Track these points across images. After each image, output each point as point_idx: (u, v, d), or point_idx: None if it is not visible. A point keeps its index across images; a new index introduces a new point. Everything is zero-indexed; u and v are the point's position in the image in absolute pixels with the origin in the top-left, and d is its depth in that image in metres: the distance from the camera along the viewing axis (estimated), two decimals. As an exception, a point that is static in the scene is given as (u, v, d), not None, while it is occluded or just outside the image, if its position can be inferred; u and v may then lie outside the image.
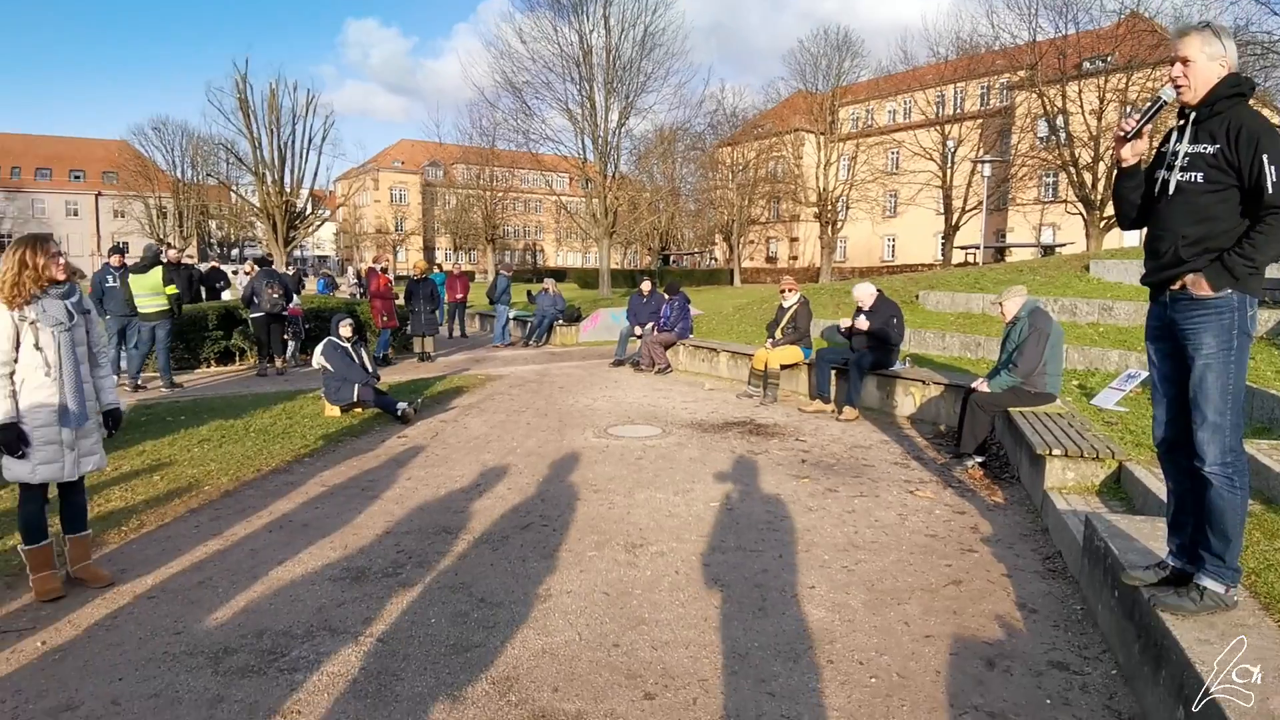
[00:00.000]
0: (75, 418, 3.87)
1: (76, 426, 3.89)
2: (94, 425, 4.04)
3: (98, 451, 4.08)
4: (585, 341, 16.24)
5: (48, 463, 3.82)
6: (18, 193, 65.04)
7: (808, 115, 49.34)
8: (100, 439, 4.12)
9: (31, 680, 3.20)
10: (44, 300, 3.79)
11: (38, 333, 3.75)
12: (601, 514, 5.23)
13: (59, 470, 3.87)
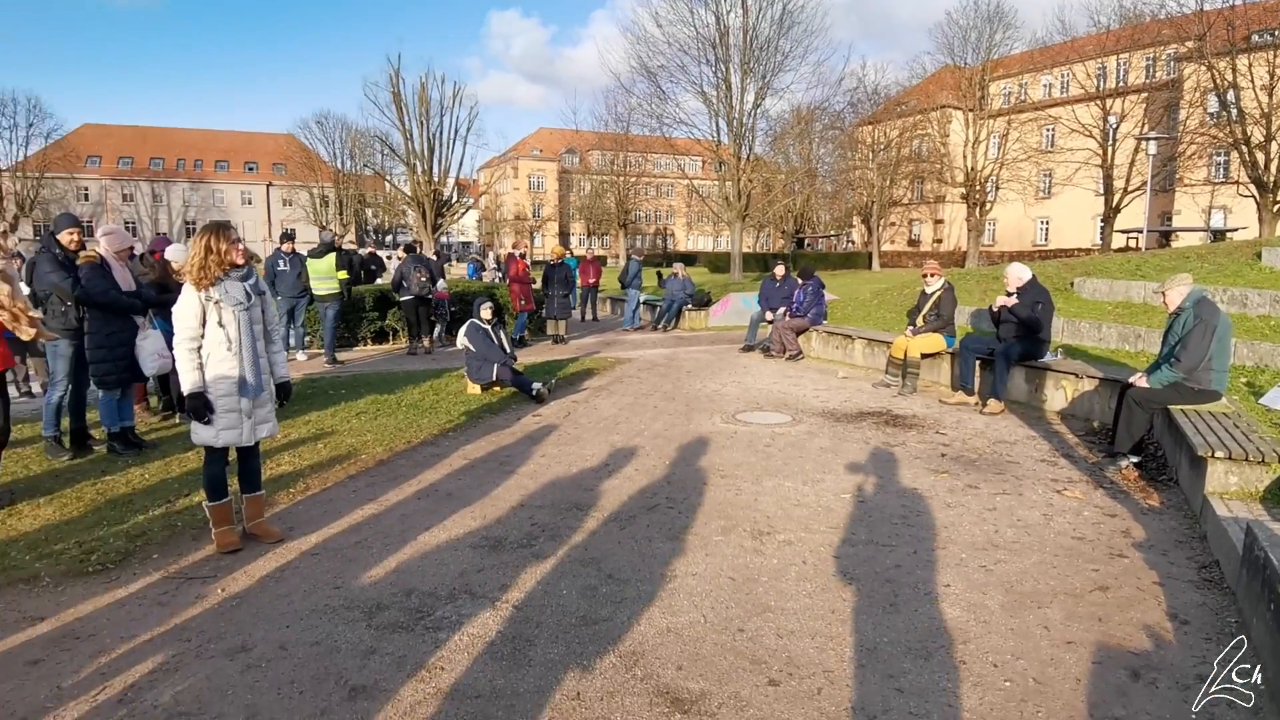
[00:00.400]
0: (252, 389, 4.29)
1: (253, 397, 4.31)
2: (268, 396, 4.46)
3: (271, 420, 4.51)
4: (715, 326, 16.23)
5: (229, 429, 4.26)
6: (201, 183, 71.92)
7: (955, 91, 46.74)
8: (273, 409, 4.54)
9: (213, 623, 3.60)
10: (226, 283, 4.21)
11: (221, 312, 4.17)
12: (728, 500, 5.25)
13: (238, 436, 4.31)
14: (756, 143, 36.29)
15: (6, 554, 4.31)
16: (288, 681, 3.08)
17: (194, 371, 4.15)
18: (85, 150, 66.69)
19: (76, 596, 3.85)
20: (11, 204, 58.54)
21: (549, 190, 78.72)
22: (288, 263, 11.12)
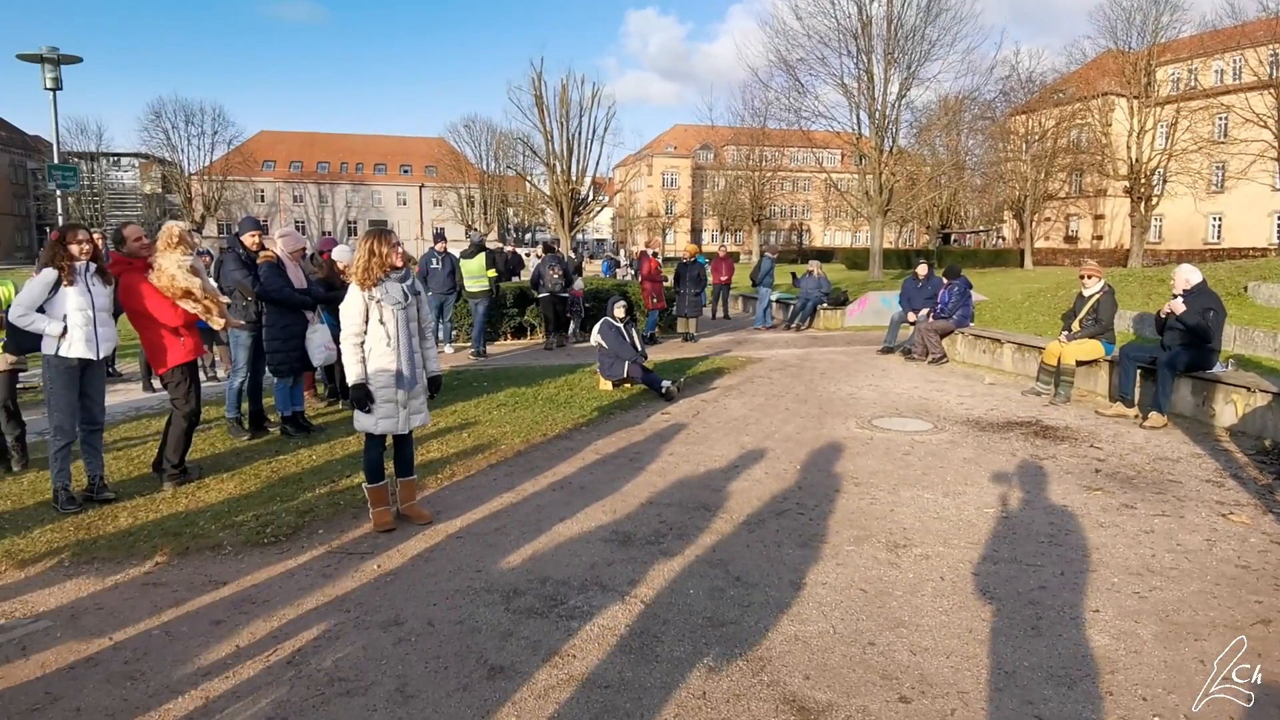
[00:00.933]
0: (408, 381, 4.60)
1: (409, 389, 4.63)
2: (421, 388, 4.77)
3: (423, 410, 4.82)
4: (851, 326, 15.81)
5: (387, 417, 4.60)
6: (361, 185, 77.20)
7: (1118, 77, 42.99)
8: (425, 400, 4.85)
9: (369, 596, 3.91)
10: (386, 283, 4.54)
11: (381, 310, 4.51)
12: (862, 509, 5.13)
13: (394, 424, 4.64)
14: (900, 135, 34.94)
15: (195, 523, 4.84)
16: (434, 656, 3.30)
17: (358, 364, 4.50)
18: (262, 155, 73.15)
19: (253, 565, 4.28)
20: (199, 204, 65.14)
21: (682, 187, 79.06)
22: (439, 261, 11.81)
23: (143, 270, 5.55)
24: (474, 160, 72.06)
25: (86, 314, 4.90)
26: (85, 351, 4.92)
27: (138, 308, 5.45)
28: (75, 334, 4.86)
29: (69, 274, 4.86)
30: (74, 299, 4.86)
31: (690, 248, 15.15)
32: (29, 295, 4.81)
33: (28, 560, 4.30)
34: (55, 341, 4.84)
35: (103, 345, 5.03)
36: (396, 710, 2.93)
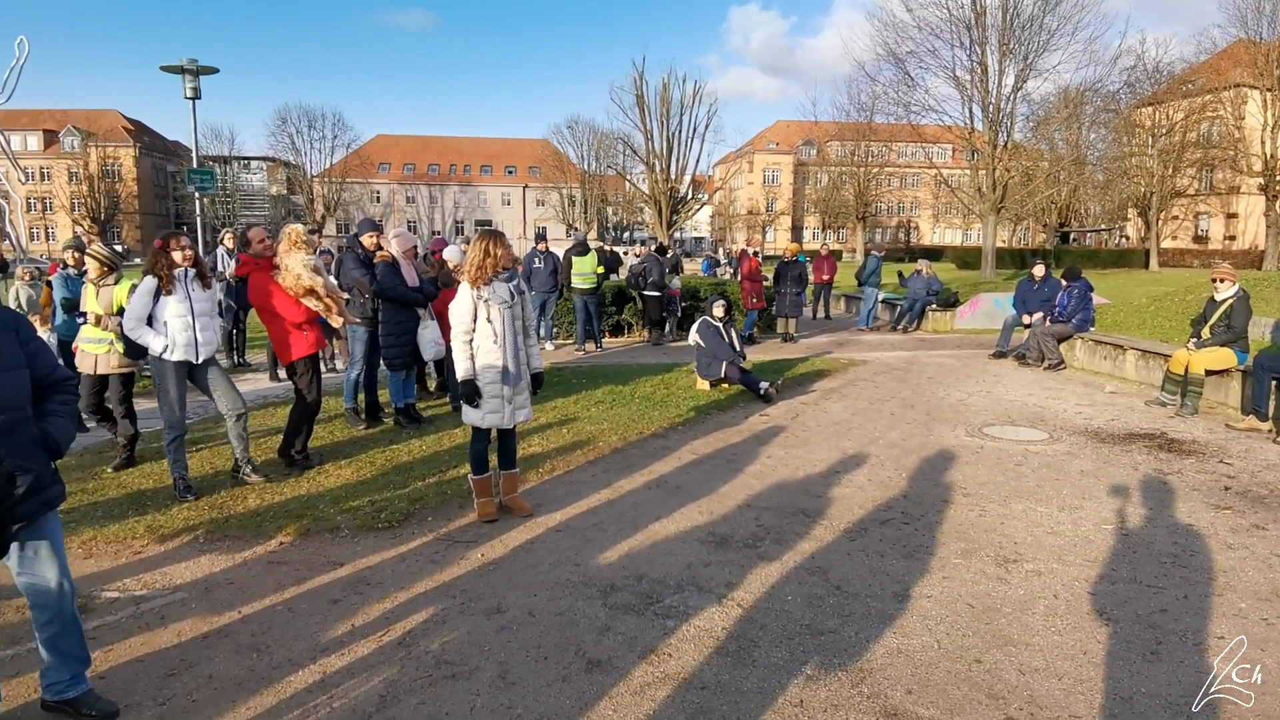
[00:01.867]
0: (513, 378, 4.73)
1: (514, 385, 4.76)
2: (525, 384, 4.90)
3: (527, 406, 4.95)
4: (962, 329, 15.20)
5: (493, 412, 4.74)
6: (468, 186, 79.81)
7: (1251, 68, 39.31)
8: (528, 396, 4.98)
9: (473, 583, 4.04)
10: (495, 283, 4.68)
11: (489, 309, 4.65)
12: (971, 520, 4.93)
13: (500, 419, 4.78)
14: (1015, 128, 33.28)
15: (316, 506, 5.13)
16: (534, 646, 3.39)
17: (467, 361, 4.66)
18: (377, 158, 76.67)
19: (368, 548, 4.50)
20: (320, 205, 68.88)
21: (783, 184, 77.94)
22: (542, 260, 12.07)
23: (268, 269, 5.93)
24: (575, 160, 73.28)
25: (185, 320, 5.15)
26: (186, 355, 5.18)
27: (264, 304, 5.83)
28: (176, 339, 5.12)
29: (168, 282, 5.11)
30: (173, 306, 5.12)
31: (791, 246, 14.91)
32: (136, 308, 5.09)
33: (167, 536, 4.67)
34: (158, 347, 5.14)
35: (203, 349, 5.25)
36: (499, 696, 3.03)
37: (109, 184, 68.05)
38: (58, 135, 68.07)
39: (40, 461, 2.69)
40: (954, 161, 50.46)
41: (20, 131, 62.01)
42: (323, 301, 5.94)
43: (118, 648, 3.42)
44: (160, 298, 5.08)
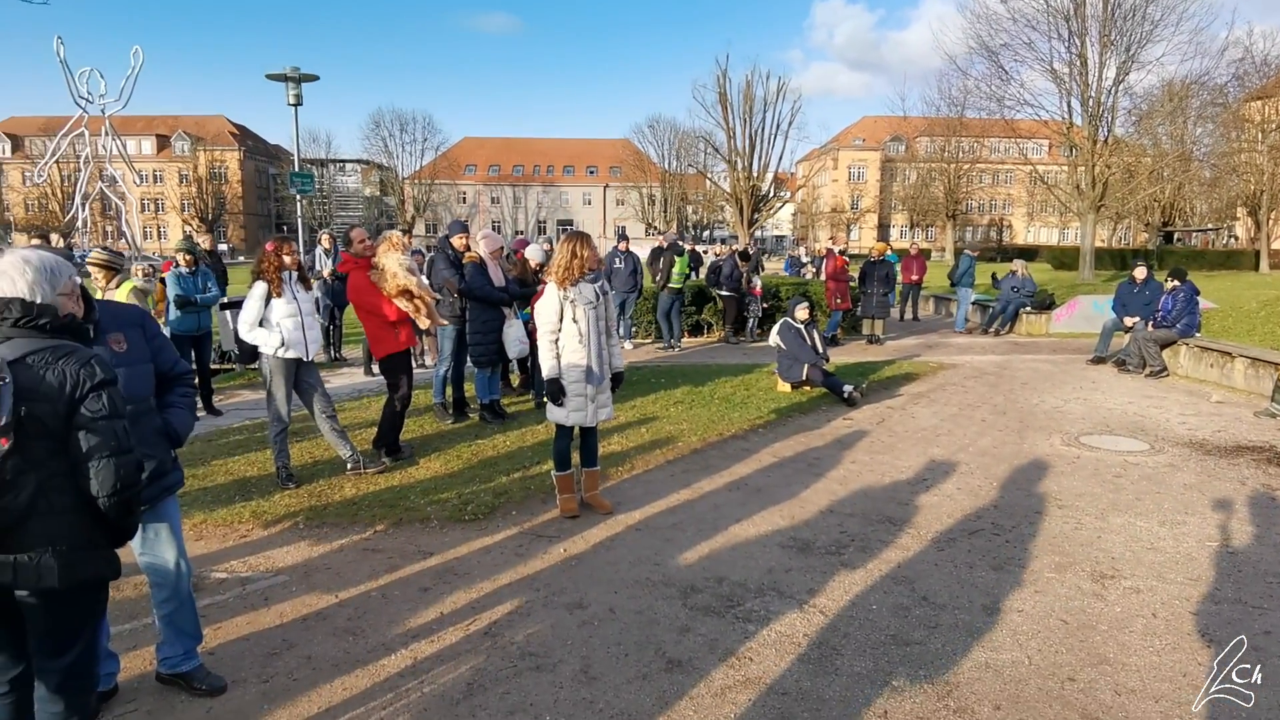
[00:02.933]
0: (596, 377, 4.80)
1: (597, 384, 4.82)
2: (607, 384, 4.96)
3: (609, 404, 5.01)
4: (1057, 332, 14.55)
5: (577, 410, 4.82)
6: (551, 186, 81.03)
7: None
8: (610, 395, 5.03)
9: (556, 578, 4.12)
10: (581, 284, 4.75)
11: (575, 309, 4.72)
12: (1065, 533, 4.73)
13: (583, 417, 4.85)
14: (1116, 123, 31.60)
15: (407, 497, 5.33)
16: (615, 643, 3.43)
17: (553, 360, 4.75)
18: (464, 160, 78.70)
19: (456, 539, 4.65)
20: (410, 206, 71.17)
21: (869, 181, 76.17)
22: (623, 260, 12.17)
23: (367, 269, 6.18)
24: (656, 159, 73.46)
25: (295, 320, 5.42)
26: (296, 354, 5.46)
27: (361, 302, 6.09)
28: (288, 339, 5.40)
29: (277, 285, 5.41)
30: (283, 308, 5.40)
31: (879, 245, 14.56)
32: (250, 312, 5.40)
33: (270, 521, 4.93)
34: (272, 346, 5.43)
35: (311, 346, 5.53)
36: (581, 690, 3.08)
37: (215, 186, 72.00)
38: (169, 140, 72.39)
39: (162, 450, 2.88)
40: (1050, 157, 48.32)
41: (135, 136, 66.24)
42: (413, 303, 6.14)
43: (225, 625, 3.64)
44: (270, 301, 5.37)
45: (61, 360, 2.13)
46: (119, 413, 2.17)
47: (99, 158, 38.18)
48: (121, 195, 38.02)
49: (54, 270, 2.31)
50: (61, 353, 2.15)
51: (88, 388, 2.12)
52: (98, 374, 2.14)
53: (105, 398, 2.14)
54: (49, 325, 2.18)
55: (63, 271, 2.35)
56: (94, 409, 2.12)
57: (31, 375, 2.08)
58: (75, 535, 2.15)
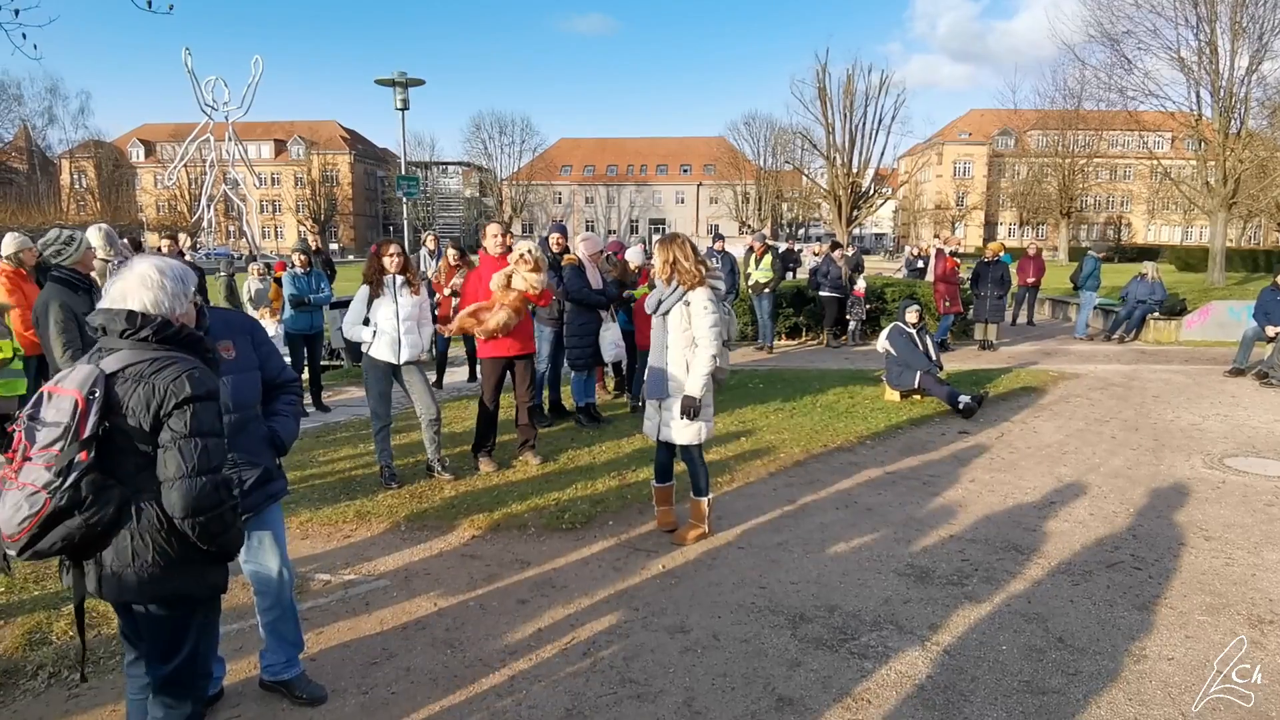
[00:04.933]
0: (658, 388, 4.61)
1: (659, 396, 4.61)
2: (674, 399, 4.69)
3: (670, 424, 4.68)
4: (1188, 340, 13.44)
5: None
6: (644, 186, 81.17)
7: None
8: (675, 412, 4.74)
9: (655, 596, 3.97)
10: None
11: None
12: (1215, 569, 4.25)
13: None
14: (1250, 115, 29.10)
15: (505, 501, 5.29)
16: (720, 674, 3.24)
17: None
18: (560, 160, 79.82)
19: (553, 549, 4.56)
20: (508, 207, 72.75)
21: (976, 176, 72.94)
22: (718, 260, 11.94)
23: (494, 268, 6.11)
24: (752, 157, 72.52)
25: (392, 322, 5.44)
26: (388, 355, 5.47)
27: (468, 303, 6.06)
28: (380, 339, 5.45)
29: (379, 287, 5.47)
30: (382, 309, 5.46)
31: (994, 245, 13.78)
32: (354, 311, 5.52)
33: (373, 520, 4.98)
34: (367, 344, 5.49)
35: (405, 351, 5.51)
36: (685, 725, 2.91)
37: (328, 188, 75.46)
38: (286, 144, 76.38)
39: (267, 457, 2.88)
40: (1175, 151, 45.18)
41: (255, 141, 70.10)
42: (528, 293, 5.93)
43: (327, 631, 3.65)
44: (373, 301, 5.45)
45: (156, 374, 2.09)
46: (204, 430, 2.10)
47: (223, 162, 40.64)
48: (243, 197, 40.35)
49: (184, 279, 2.30)
50: (160, 365, 2.11)
51: (173, 404, 2.06)
52: (185, 389, 2.07)
53: (190, 415, 2.07)
54: (154, 337, 2.14)
55: (190, 281, 2.34)
56: (176, 427, 2.06)
57: (124, 389, 2.06)
58: (161, 551, 2.12)
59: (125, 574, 2.11)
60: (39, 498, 1.95)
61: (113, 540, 2.10)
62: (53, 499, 1.96)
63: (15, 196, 51.25)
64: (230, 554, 2.27)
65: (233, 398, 2.73)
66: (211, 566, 2.25)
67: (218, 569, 2.29)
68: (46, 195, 57.52)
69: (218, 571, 2.29)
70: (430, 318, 5.86)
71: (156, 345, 2.15)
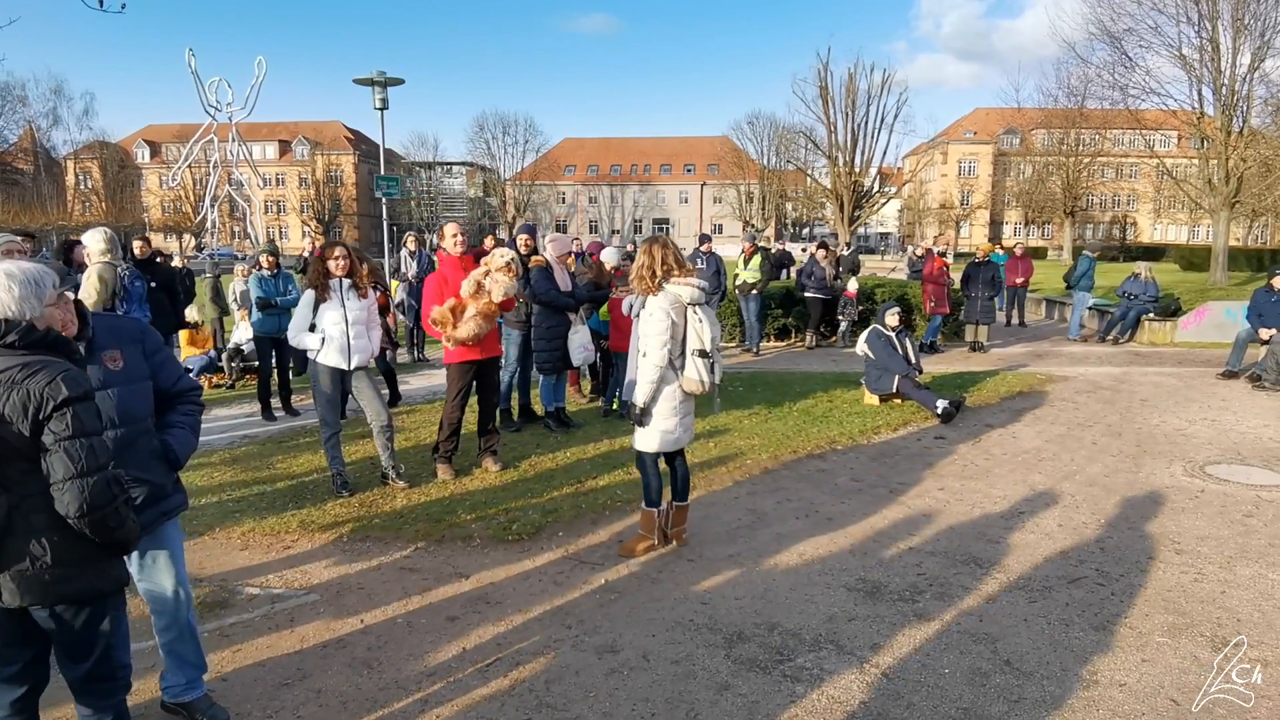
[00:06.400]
0: None
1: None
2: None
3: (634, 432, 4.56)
4: (1184, 342, 13.20)
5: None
6: (648, 185, 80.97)
7: None
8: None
9: (591, 613, 3.80)
10: None
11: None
12: (1183, 586, 4.07)
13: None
14: (1253, 113, 28.75)
15: (455, 510, 5.13)
16: (643, 698, 3.08)
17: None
18: (564, 160, 79.69)
19: (495, 560, 4.41)
20: (511, 207, 72.67)
21: (981, 175, 72.55)
22: (705, 261, 11.78)
23: (459, 268, 5.95)
24: (755, 156, 72.24)
25: (340, 327, 5.29)
26: (338, 361, 5.32)
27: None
28: (329, 345, 5.30)
29: (324, 291, 5.32)
30: (328, 314, 5.30)
31: (984, 246, 13.58)
32: (299, 317, 5.37)
33: (316, 531, 4.83)
34: (314, 350, 5.34)
35: (355, 356, 5.37)
36: (596, 756, 2.75)
37: (332, 189, 75.53)
38: (290, 145, 76.46)
39: (159, 473, 2.73)
40: (1179, 150, 44.78)
41: (259, 142, 70.25)
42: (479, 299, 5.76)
43: (246, 648, 3.50)
44: (319, 306, 5.29)
45: (29, 379, 2.06)
46: (87, 430, 2.10)
47: (227, 162, 40.68)
48: (247, 198, 40.24)
49: (37, 282, 2.23)
50: (32, 370, 2.07)
51: (51, 408, 2.05)
52: (62, 392, 2.06)
53: (70, 416, 2.06)
54: (19, 342, 2.10)
55: (46, 282, 2.26)
56: (57, 430, 2.05)
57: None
58: (58, 553, 2.14)
59: (24, 580, 2.12)
60: None
61: (4, 548, 2.11)
62: None
63: (20, 197, 51.43)
64: (128, 547, 2.30)
65: (119, 411, 2.59)
66: (111, 561, 2.28)
67: (118, 563, 2.31)
68: (51, 196, 57.69)
69: (118, 565, 2.32)
70: (379, 321, 5.70)
71: (23, 350, 2.12)
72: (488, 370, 6.03)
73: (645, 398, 4.22)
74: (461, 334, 5.63)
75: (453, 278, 5.79)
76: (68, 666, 2.33)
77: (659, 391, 4.26)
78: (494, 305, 5.73)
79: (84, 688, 2.36)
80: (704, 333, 4.23)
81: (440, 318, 5.63)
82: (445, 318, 5.63)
